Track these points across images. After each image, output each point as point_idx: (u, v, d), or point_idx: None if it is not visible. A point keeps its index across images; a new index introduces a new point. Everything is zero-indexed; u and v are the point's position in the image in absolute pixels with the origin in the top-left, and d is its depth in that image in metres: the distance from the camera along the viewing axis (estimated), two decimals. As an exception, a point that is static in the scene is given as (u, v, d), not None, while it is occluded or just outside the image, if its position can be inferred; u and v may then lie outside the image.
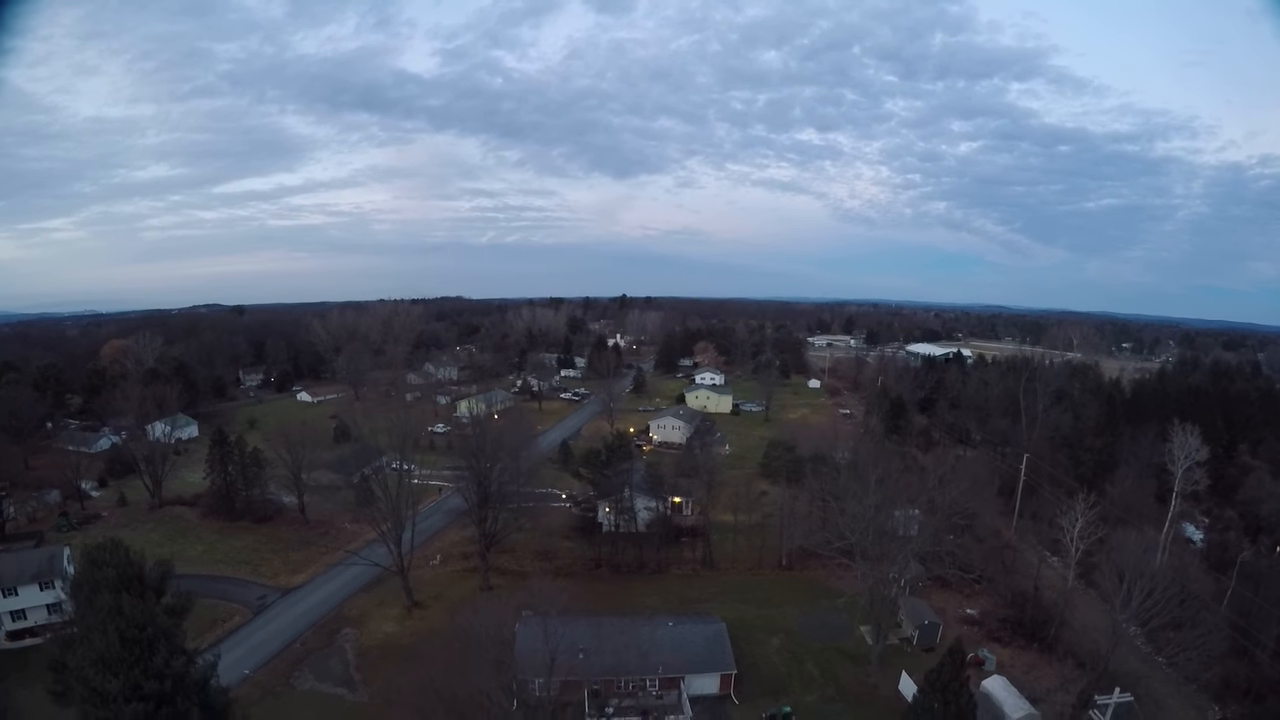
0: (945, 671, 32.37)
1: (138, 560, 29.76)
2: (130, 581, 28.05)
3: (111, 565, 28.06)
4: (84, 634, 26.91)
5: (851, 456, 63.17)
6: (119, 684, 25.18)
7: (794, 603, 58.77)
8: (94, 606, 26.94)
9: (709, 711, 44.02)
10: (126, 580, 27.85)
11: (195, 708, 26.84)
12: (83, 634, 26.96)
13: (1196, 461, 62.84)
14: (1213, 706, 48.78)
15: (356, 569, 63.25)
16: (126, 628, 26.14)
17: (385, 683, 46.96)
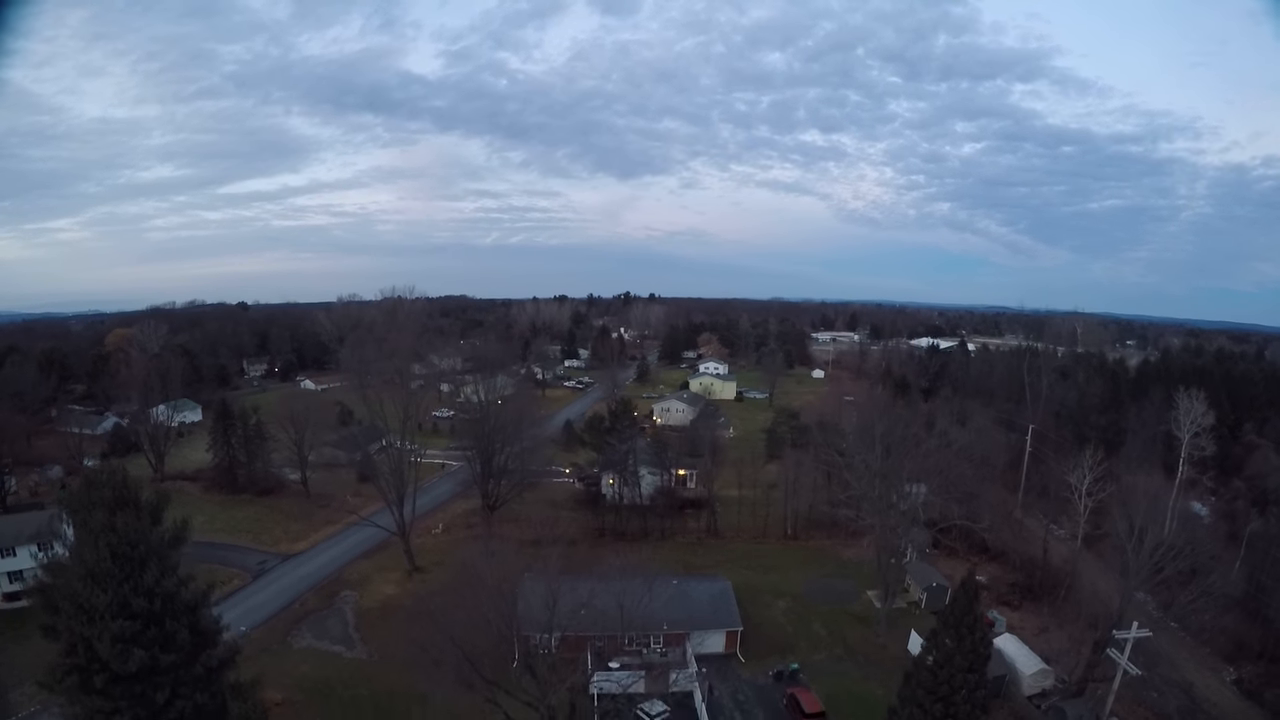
0: (958, 606, 31.76)
1: (135, 486, 29.44)
2: (125, 504, 27.71)
3: (108, 486, 27.72)
4: (75, 550, 26.56)
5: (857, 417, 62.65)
6: (107, 599, 24.71)
7: (800, 569, 58.22)
8: (87, 524, 26.62)
9: (715, 669, 43.46)
10: (122, 502, 27.50)
11: (185, 629, 26.31)
12: (74, 550, 26.59)
13: (1202, 428, 62.11)
14: (1227, 668, 48.12)
15: (357, 536, 63.03)
16: (118, 544, 25.71)
17: (384, 640, 46.63)
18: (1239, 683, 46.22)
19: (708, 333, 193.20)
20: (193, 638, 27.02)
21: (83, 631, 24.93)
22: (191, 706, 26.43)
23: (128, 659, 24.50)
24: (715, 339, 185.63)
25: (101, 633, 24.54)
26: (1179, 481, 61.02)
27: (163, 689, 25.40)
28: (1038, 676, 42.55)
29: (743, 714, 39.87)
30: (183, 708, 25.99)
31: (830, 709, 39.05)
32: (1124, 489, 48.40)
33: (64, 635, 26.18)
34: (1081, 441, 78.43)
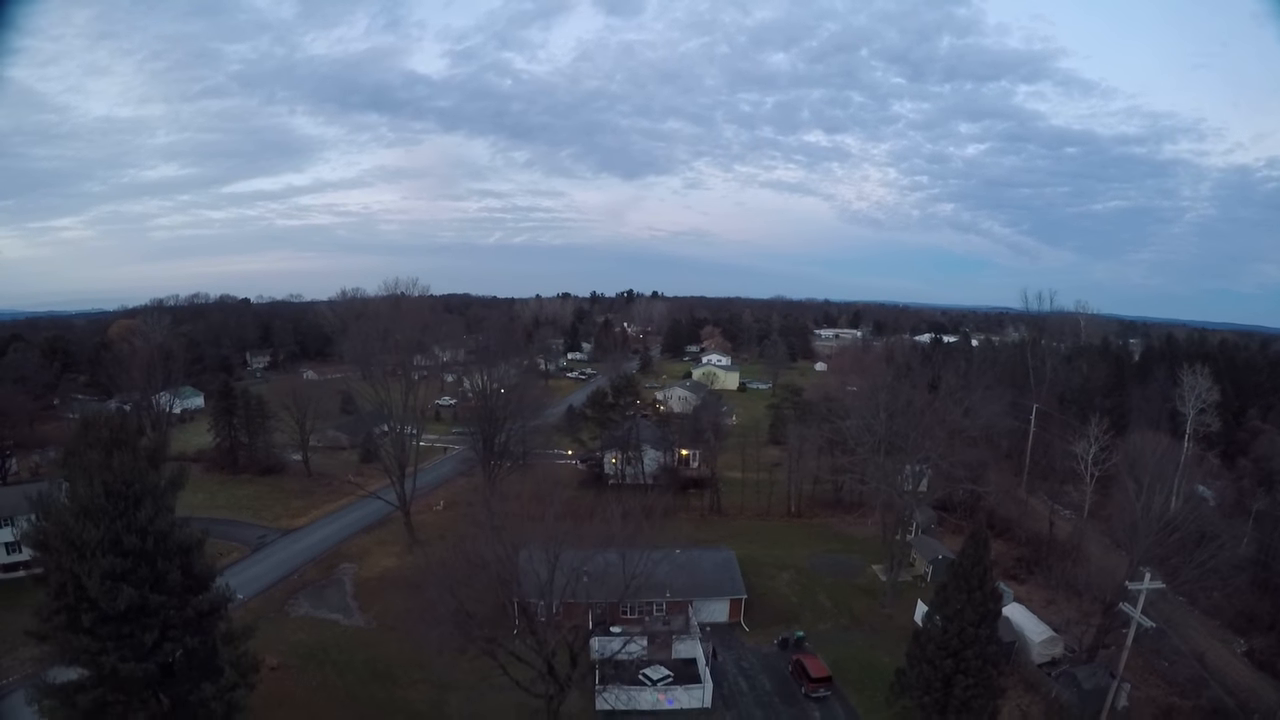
0: (967, 559, 31.14)
1: (133, 430, 29.11)
2: (122, 445, 27.33)
3: (105, 427, 27.37)
4: (70, 487, 26.18)
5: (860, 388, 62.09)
6: (98, 534, 24.30)
7: (804, 545, 57.61)
8: (82, 462, 26.24)
9: (719, 638, 42.86)
10: (119, 443, 27.14)
11: (177, 570, 25.89)
12: (69, 488, 26.21)
13: (1207, 404, 61.24)
14: (1237, 640, 47.38)
15: (358, 513, 62.71)
16: (113, 481, 25.35)
17: (383, 609, 46.21)
18: (1250, 654, 45.48)
19: (711, 326, 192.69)
20: (185, 580, 26.59)
21: (73, 568, 24.52)
22: (181, 651, 26.04)
23: (116, 596, 24.08)
24: (718, 332, 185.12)
25: (91, 569, 24.12)
26: (1184, 458, 60.10)
27: (151, 630, 24.98)
28: (1047, 644, 41.91)
29: (747, 680, 39.29)
30: (172, 650, 25.60)
31: (836, 675, 38.47)
32: (1131, 451, 47.80)
33: (53, 574, 25.81)
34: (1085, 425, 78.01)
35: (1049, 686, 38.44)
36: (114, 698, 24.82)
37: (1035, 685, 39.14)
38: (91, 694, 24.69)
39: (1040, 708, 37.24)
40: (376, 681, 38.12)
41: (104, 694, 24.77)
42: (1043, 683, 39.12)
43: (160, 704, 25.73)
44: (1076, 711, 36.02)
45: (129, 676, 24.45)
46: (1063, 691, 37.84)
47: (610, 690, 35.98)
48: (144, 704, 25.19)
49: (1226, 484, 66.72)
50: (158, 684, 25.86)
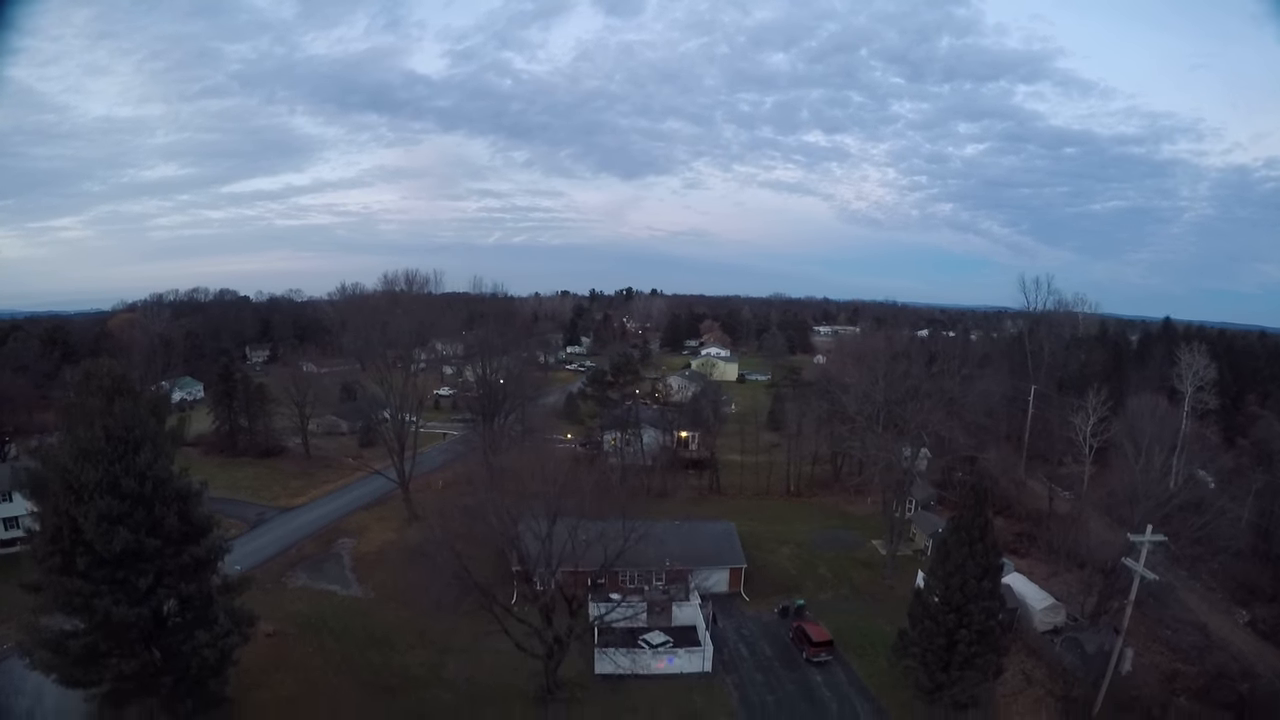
0: (967, 513, 30.92)
1: (133, 380, 28.99)
2: (124, 394, 27.21)
3: (107, 377, 27.21)
4: (70, 432, 26.01)
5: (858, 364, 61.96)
6: (97, 475, 24.18)
7: (804, 522, 57.43)
8: (84, 408, 26.08)
9: (719, 607, 42.60)
10: (120, 392, 27.02)
11: (174, 516, 25.76)
12: (69, 432, 26.04)
13: (1205, 382, 60.93)
14: (1240, 611, 47.17)
15: (358, 492, 62.56)
16: (114, 426, 25.25)
17: (381, 581, 45.99)
18: (1253, 624, 45.28)
19: (710, 320, 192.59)
20: (182, 527, 26.42)
21: (69, 511, 24.37)
22: (176, 598, 25.86)
23: (112, 538, 23.92)
24: (717, 327, 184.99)
25: (88, 511, 23.97)
26: (1182, 437, 59.84)
27: (146, 575, 24.81)
28: (1049, 611, 41.70)
29: (747, 646, 39.05)
30: (166, 597, 25.42)
31: (837, 642, 38.23)
32: (1129, 416, 47.71)
33: (49, 519, 25.64)
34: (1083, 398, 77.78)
35: (1052, 651, 38.21)
36: (106, 644, 24.65)
37: (1038, 652, 38.89)
38: (83, 640, 24.51)
39: (1044, 672, 37.00)
40: (374, 647, 37.85)
41: (96, 641, 24.60)
42: (1046, 648, 38.89)
43: (152, 653, 25.52)
44: (1080, 674, 35.80)
45: (121, 621, 24.27)
46: (1066, 655, 37.63)
47: (609, 654, 35.71)
48: (135, 652, 25.00)
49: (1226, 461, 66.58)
50: (150, 631, 25.68)
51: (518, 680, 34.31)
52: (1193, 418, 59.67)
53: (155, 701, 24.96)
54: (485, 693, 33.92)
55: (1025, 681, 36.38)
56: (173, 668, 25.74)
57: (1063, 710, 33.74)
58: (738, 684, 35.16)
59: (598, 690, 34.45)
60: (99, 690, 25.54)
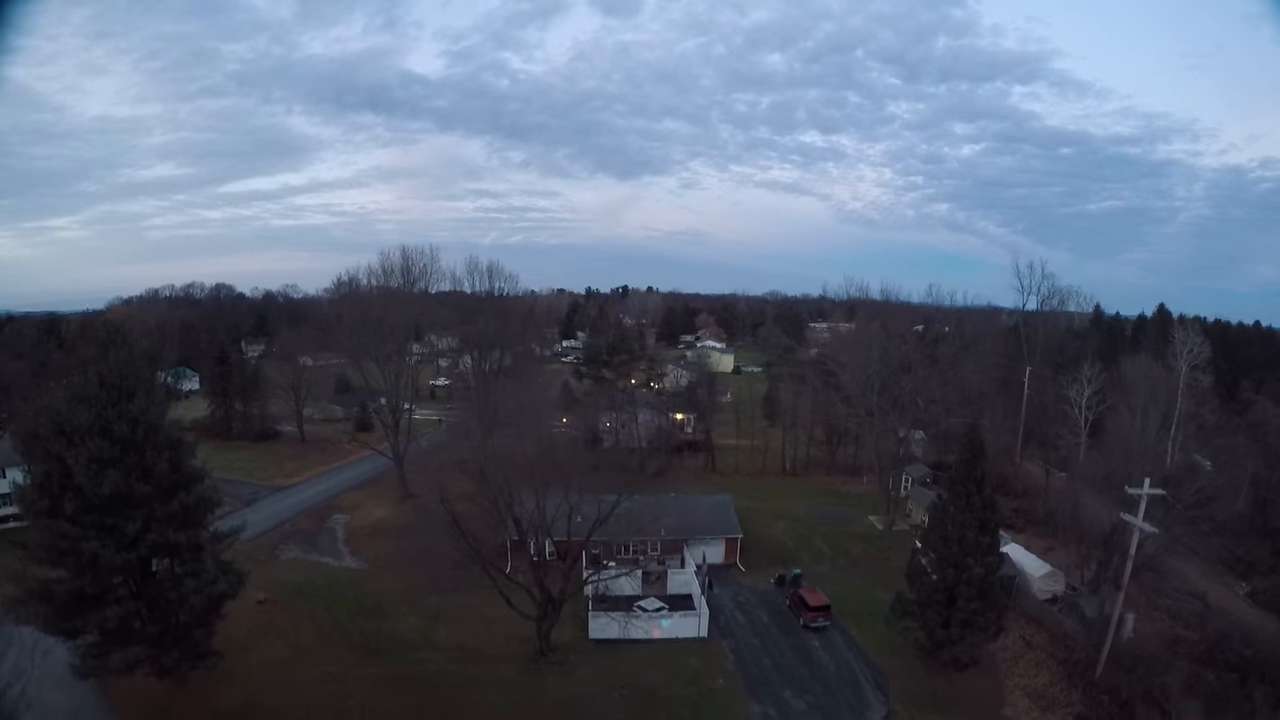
0: (963, 465, 30.74)
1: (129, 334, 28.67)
2: (119, 344, 26.92)
3: (103, 329, 26.91)
4: (65, 380, 25.65)
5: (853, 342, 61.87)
6: (89, 418, 23.88)
7: (800, 499, 57.13)
8: (79, 354, 25.77)
9: (715, 576, 42.27)
10: (115, 342, 26.74)
11: (165, 463, 25.42)
12: (64, 379, 25.66)
13: (1200, 361, 60.68)
14: (1239, 584, 47.00)
15: (351, 473, 62.22)
16: (108, 372, 25.05)
17: (375, 553, 45.62)
18: (1252, 595, 45.10)
19: (705, 315, 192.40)
20: (173, 475, 26.09)
21: (60, 453, 24.04)
22: (165, 544, 25.43)
23: (101, 480, 23.59)
24: (713, 321, 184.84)
25: (79, 454, 23.67)
26: (1178, 413, 59.63)
27: (134, 521, 24.42)
28: (1047, 579, 41.46)
29: (744, 614, 38.71)
30: (155, 543, 25.00)
31: (835, 610, 37.87)
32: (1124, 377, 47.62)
33: (39, 464, 25.28)
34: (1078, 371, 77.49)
35: (1052, 617, 37.94)
36: (92, 590, 24.23)
37: (1038, 618, 38.60)
38: (68, 585, 24.10)
39: (1044, 637, 36.73)
40: (365, 615, 37.39)
41: (81, 586, 24.19)
42: (1046, 614, 38.61)
43: (138, 600, 25.12)
44: (1081, 638, 35.54)
45: (109, 565, 23.91)
46: (1066, 620, 37.39)
47: (603, 616, 35.35)
48: (120, 599, 24.60)
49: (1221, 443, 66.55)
50: (137, 578, 25.28)
51: (510, 646, 33.95)
52: (1187, 396, 59.32)
53: (140, 650, 24.47)
54: (477, 656, 33.53)
55: (1025, 646, 36.10)
56: (159, 616, 25.33)
57: (1064, 672, 33.47)
58: (734, 648, 34.82)
59: (591, 654, 34.08)
60: (84, 640, 25.12)
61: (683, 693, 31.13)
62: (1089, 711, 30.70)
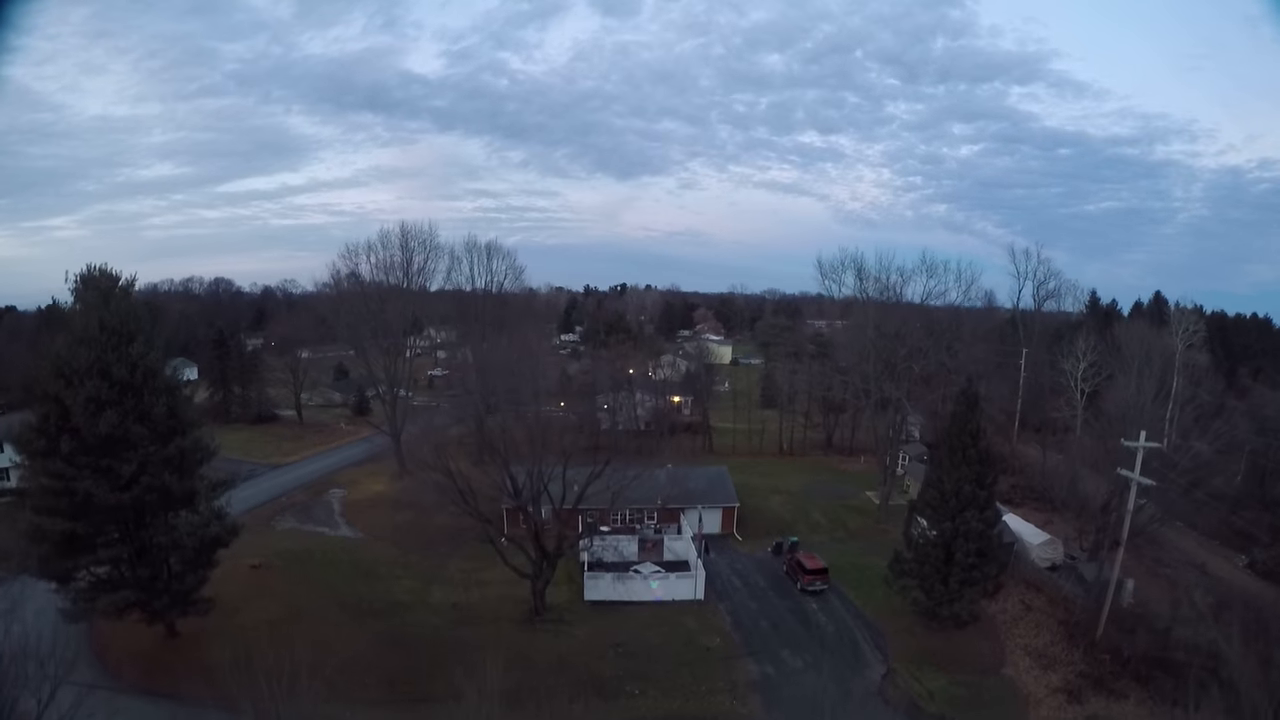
0: (958, 420, 30.63)
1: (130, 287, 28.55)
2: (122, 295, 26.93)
3: (105, 279, 26.81)
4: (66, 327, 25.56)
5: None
6: (89, 358, 23.86)
7: (797, 476, 57.02)
8: (83, 301, 25.73)
9: (713, 546, 42.13)
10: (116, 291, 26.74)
11: (163, 406, 25.33)
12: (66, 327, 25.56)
13: (1196, 340, 60.50)
14: (1238, 555, 46.89)
15: (349, 452, 62.14)
16: (109, 317, 25.16)
17: (370, 524, 45.55)
18: (1252, 566, 44.98)
19: (704, 309, 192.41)
20: (170, 419, 26.06)
21: (59, 395, 24.01)
22: (160, 488, 25.29)
23: (98, 419, 23.54)
24: (711, 315, 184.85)
25: (77, 394, 23.65)
26: (1175, 391, 59.41)
27: (130, 463, 24.33)
28: (1045, 547, 41.29)
29: (741, 579, 38.57)
30: (150, 485, 24.87)
31: (833, 577, 37.71)
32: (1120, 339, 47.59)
33: (38, 408, 25.21)
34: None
35: (1052, 582, 37.77)
36: (85, 531, 24.11)
37: (1037, 584, 38.39)
38: (61, 526, 23.95)
39: (1043, 601, 36.55)
40: (360, 578, 37.23)
41: (75, 528, 24.06)
42: (1045, 580, 38.41)
43: (131, 542, 24.98)
44: (1081, 602, 35.35)
45: (103, 505, 23.78)
46: (1065, 584, 37.23)
47: (598, 579, 35.18)
48: (111, 543, 24.48)
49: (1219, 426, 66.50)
50: (130, 521, 25.15)
51: (505, 608, 33.80)
52: (1184, 375, 59.15)
53: (130, 593, 24.33)
54: (471, 617, 33.36)
55: (1025, 609, 35.93)
56: (150, 561, 25.18)
57: (1065, 633, 33.28)
58: (730, 610, 34.67)
59: (587, 615, 33.90)
60: (76, 586, 24.96)
61: (679, 651, 30.95)
62: (1091, 670, 30.51)
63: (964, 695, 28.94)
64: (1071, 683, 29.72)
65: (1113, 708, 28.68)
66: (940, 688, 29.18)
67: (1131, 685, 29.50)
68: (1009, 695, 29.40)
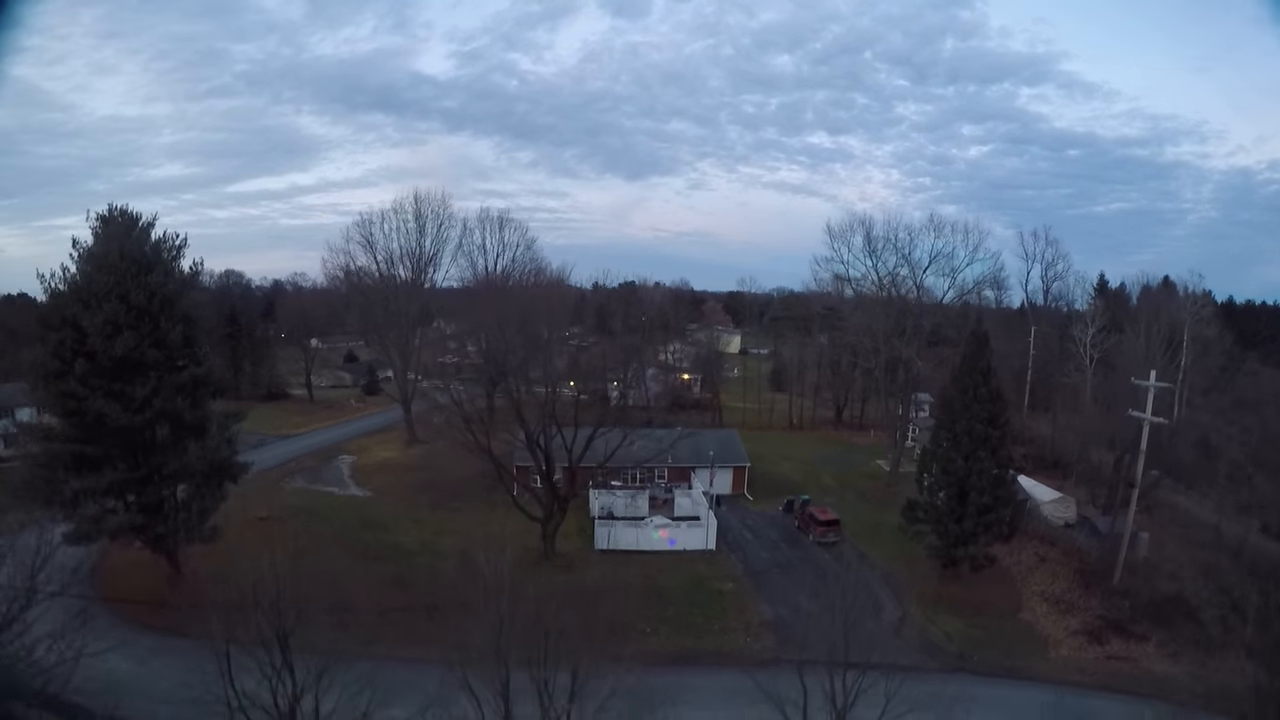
0: (968, 357, 30.33)
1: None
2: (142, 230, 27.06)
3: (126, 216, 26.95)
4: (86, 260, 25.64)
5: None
6: (108, 283, 24.02)
7: (807, 447, 56.72)
8: (104, 232, 25.86)
9: (724, 505, 41.82)
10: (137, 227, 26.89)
11: (179, 334, 25.45)
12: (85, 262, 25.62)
13: (1204, 314, 59.72)
14: (1252, 520, 46.16)
15: (358, 425, 62.44)
16: (129, 246, 25.37)
17: (379, 485, 45.46)
18: (1265, 529, 44.24)
19: (712, 302, 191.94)
20: (185, 346, 26.22)
21: (76, 318, 24.13)
22: (171, 413, 25.34)
23: (114, 342, 23.67)
24: (720, 307, 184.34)
25: (94, 315, 23.76)
26: (1184, 367, 58.54)
27: (143, 386, 24.40)
28: (1058, 505, 40.83)
29: (752, 533, 38.29)
30: (162, 410, 24.92)
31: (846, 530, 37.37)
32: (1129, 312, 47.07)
33: (53, 334, 25.31)
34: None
35: (1066, 536, 37.30)
36: (94, 452, 24.14)
37: (1051, 540, 37.91)
38: (71, 447, 24.01)
39: (1058, 553, 36.08)
40: (368, 530, 37.19)
41: (84, 449, 24.11)
42: (1060, 536, 37.92)
43: (141, 465, 25.00)
44: (1096, 552, 34.88)
45: (114, 425, 23.80)
46: (1080, 536, 36.76)
47: (609, 526, 34.98)
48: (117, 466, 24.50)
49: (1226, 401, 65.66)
50: (142, 443, 25.19)
51: (514, 554, 33.51)
52: (1193, 350, 58.39)
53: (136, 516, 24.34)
54: (479, 562, 33.09)
55: (1039, 560, 35.53)
56: (159, 485, 25.19)
57: (1081, 580, 32.82)
58: (743, 560, 34.45)
59: (598, 561, 33.66)
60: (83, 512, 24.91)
61: (691, 594, 30.74)
62: (1110, 614, 30.03)
63: (982, 637, 28.55)
64: (1090, 625, 29.27)
65: (1134, 649, 28.24)
66: (957, 629, 28.82)
67: (1151, 629, 29.05)
68: (1027, 636, 29.00)
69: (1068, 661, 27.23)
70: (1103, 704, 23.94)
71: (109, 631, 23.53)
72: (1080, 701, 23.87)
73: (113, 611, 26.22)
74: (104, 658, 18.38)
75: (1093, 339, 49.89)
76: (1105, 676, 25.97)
